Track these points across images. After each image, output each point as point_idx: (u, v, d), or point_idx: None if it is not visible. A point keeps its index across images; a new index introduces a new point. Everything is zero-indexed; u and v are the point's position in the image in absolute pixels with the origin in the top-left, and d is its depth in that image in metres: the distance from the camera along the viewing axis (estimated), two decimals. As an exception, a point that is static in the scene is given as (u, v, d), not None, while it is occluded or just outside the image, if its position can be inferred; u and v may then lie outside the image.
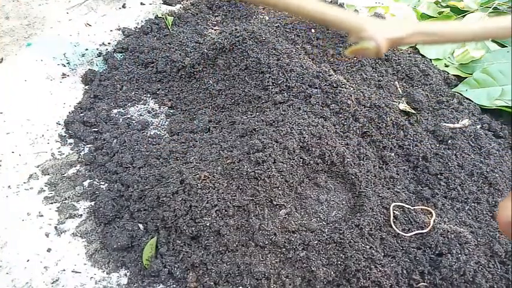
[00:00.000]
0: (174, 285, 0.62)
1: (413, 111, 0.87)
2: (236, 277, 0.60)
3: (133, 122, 0.88)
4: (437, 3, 1.21)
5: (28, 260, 0.64)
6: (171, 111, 0.92)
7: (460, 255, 0.63)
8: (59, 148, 0.82)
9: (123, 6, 1.23)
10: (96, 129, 0.86)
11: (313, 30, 1.03)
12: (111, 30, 1.15)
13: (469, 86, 0.96)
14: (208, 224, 0.62)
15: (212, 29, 1.17)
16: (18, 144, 0.81)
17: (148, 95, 0.96)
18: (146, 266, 0.63)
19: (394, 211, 0.68)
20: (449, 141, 0.82)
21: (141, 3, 1.24)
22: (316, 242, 0.62)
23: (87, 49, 1.07)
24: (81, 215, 0.71)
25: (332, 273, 0.60)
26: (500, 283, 0.62)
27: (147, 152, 0.79)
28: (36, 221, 0.69)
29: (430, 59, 1.05)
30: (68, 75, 0.99)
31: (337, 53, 0.99)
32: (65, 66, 1.01)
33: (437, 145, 0.81)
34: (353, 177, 0.72)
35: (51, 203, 0.72)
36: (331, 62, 0.98)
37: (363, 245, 0.62)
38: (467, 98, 0.95)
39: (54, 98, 0.92)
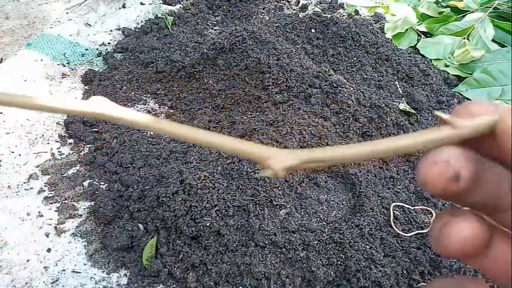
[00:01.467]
0: (174, 285, 0.62)
1: (413, 111, 0.87)
2: (236, 277, 0.60)
3: (133, 122, 0.88)
4: (437, 3, 1.20)
5: (28, 260, 0.64)
6: (171, 111, 0.92)
7: (460, 255, 0.63)
8: (58, 148, 0.82)
9: (123, 6, 1.23)
10: (96, 129, 0.86)
11: (313, 31, 1.03)
12: (111, 30, 1.15)
13: (469, 86, 0.96)
14: (208, 224, 0.62)
15: (212, 29, 1.17)
16: (18, 144, 0.81)
17: (148, 95, 0.96)
18: (146, 266, 0.63)
19: (394, 211, 0.68)
20: (450, 141, 0.81)
21: (141, 3, 1.24)
22: (316, 242, 0.62)
23: (87, 49, 1.07)
24: (81, 215, 0.71)
25: (332, 273, 0.60)
26: (501, 283, 0.62)
27: (147, 152, 0.79)
28: (36, 221, 0.69)
29: (430, 59, 1.05)
30: (68, 75, 0.99)
31: (337, 53, 0.99)
32: (64, 66, 1.01)
33: (438, 145, 0.81)
34: (353, 177, 0.72)
35: (51, 203, 0.72)
36: (331, 62, 0.98)
37: (363, 245, 0.62)
38: (467, 98, 0.95)
39: (54, 98, 0.92)
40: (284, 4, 1.26)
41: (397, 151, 0.18)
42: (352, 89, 0.85)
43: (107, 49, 1.08)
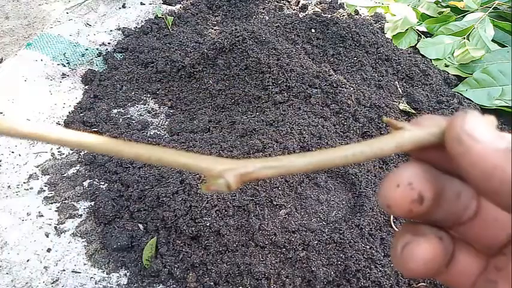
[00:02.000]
0: (174, 285, 0.62)
1: (414, 111, 0.87)
2: (236, 277, 0.60)
3: (133, 122, 0.88)
4: (437, 3, 1.20)
5: (28, 260, 0.64)
6: (171, 111, 0.92)
7: (460, 255, 0.63)
8: (58, 148, 0.82)
9: (123, 6, 1.23)
10: (96, 129, 0.86)
11: (313, 31, 1.03)
12: (111, 30, 1.15)
13: (469, 86, 0.96)
14: (208, 224, 0.62)
15: (212, 29, 1.17)
16: (18, 144, 0.81)
17: (148, 95, 0.96)
18: (146, 266, 0.63)
19: (394, 211, 0.68)
20: (450, 141, 0.81)
21: (141, 3, 1.24)
22: (316, 242, 0.62)
23: (87, 49, 1.07)
24: (81, 215, 0.71)
25: (332, 273, 0.60)
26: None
27: (147, 152, 0.79)
28: (36, 221, 0.69)
29: (430, 59, 1.05)
30: (68, 75, 0.99)
31: (337, 53, 0.99)
32: (64, 66, 1.01)
33: (438, 145, 0.81)
34: (353, 177, 0.72)
35: (51, 203, 0.72)
36: (331, 62, 0.98)
37: (363, 245, 0.62)
38: (467, 98, 0.94)
39: (54, 98, 0.92)
40: (284, 4, 1.26)
41: (355, 158, 0.17)
42: (352, 89, 0.85)
43: (107, 49, 1.08)
